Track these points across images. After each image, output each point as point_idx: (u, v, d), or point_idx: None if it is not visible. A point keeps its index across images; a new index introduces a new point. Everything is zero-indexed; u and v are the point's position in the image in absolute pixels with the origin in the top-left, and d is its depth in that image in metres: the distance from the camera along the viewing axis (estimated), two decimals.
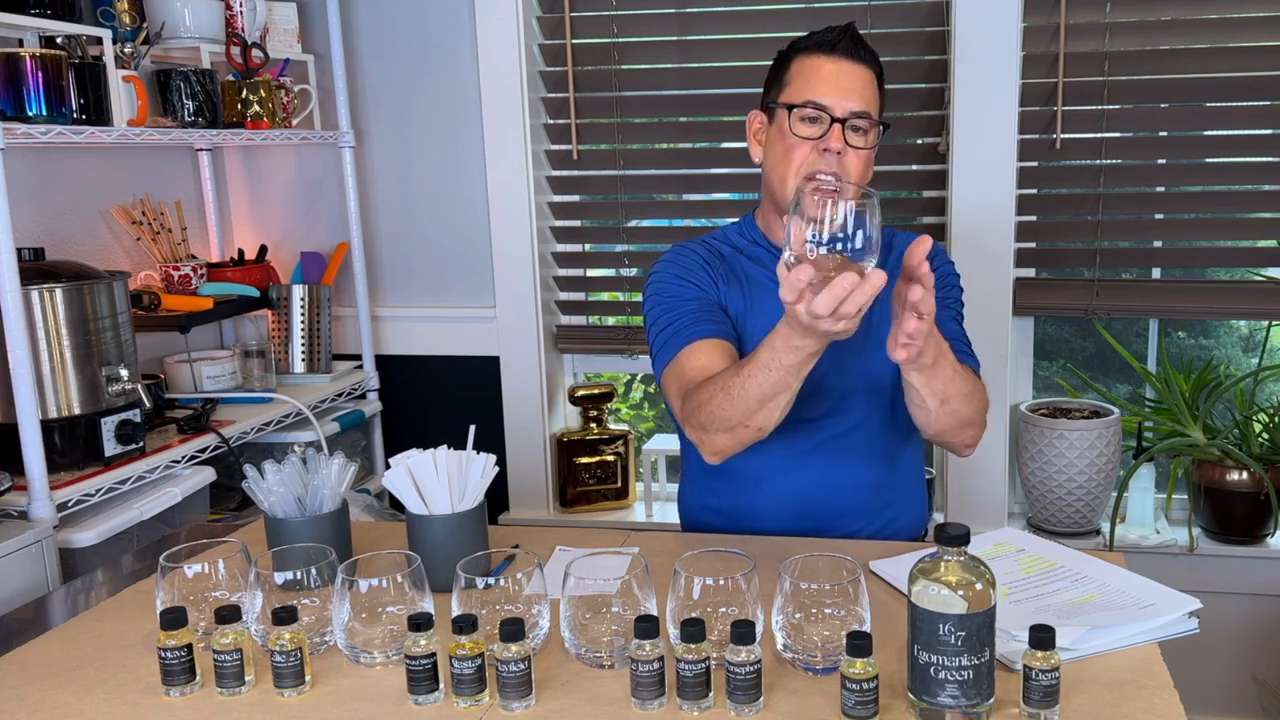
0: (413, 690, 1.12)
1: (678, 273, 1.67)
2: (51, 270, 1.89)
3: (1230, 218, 2.48)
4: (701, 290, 1.64)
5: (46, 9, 1.96)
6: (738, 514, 1.69)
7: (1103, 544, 2.45)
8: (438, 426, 2.72)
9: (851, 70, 1.58)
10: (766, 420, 1.43)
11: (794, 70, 1.61)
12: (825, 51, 1.59)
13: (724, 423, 1.44)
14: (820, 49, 1.59)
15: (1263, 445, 2.42)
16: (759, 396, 1.39)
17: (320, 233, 2.78)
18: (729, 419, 1.43)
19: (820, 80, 1.58)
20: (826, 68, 1.58)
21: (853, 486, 1.66)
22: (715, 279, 1.67)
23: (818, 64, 1.59)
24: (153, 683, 1.18)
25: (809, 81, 1.58)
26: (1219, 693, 2.46)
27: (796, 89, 1.59)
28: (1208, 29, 2.33)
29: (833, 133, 1.56)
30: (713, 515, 1.73)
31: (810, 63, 1.60)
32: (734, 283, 1.67)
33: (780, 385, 1.38)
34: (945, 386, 1.43)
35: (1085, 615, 1.23)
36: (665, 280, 1.67)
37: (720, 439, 1.47)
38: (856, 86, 1.58)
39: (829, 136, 1.56)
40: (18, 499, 1.77)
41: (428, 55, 2.63)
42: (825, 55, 1.59)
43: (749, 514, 1.68)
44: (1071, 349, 2.79)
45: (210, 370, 2.36)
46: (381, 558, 1.29)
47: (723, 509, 1.71)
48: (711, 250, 1.71)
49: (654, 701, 1.09)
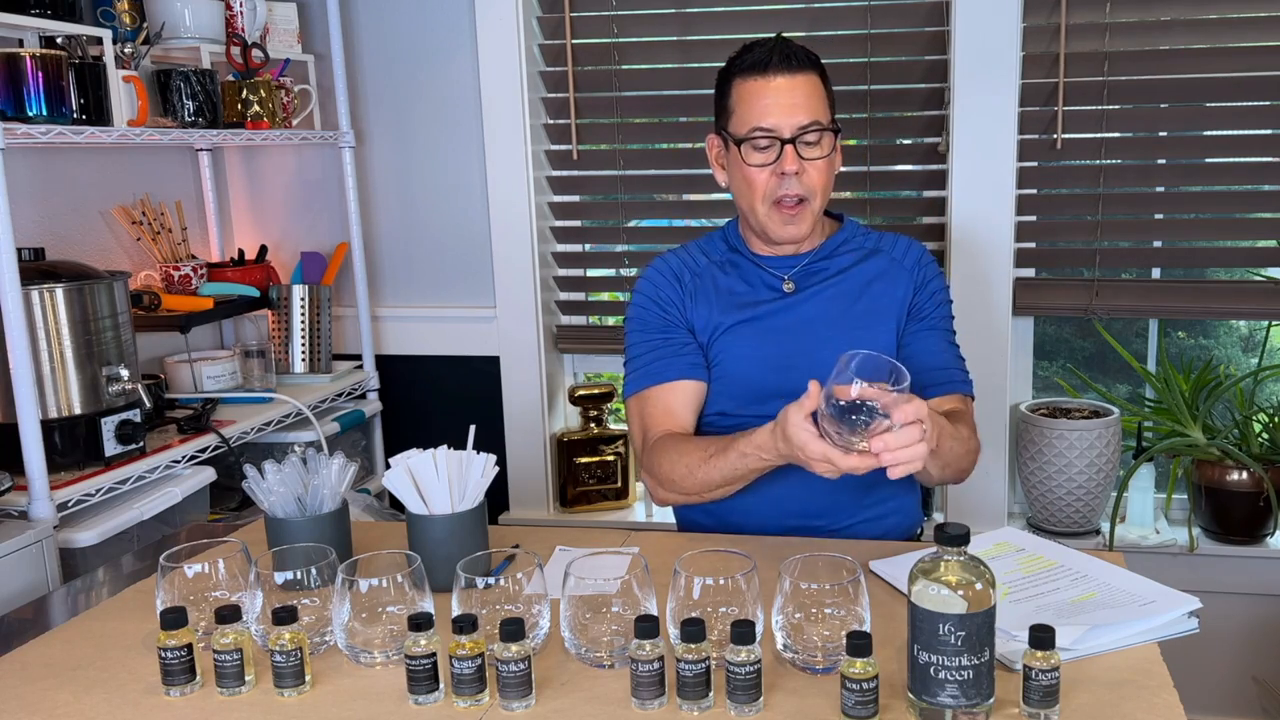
0: (413, 690, 1.12)
1: (652, 295, 1.74)
2: (52, 270, 1.89)
3: (1230, 218, 2.47)
4: (670, 318, 1.72)
5: (46, 9, 1.96)
6: (724, 514, 1.70)
7: (1102, 544, 2.45)
8: (438, 426, 2.72)
9: (790, 84, 1.58)
10: (722, 495, 1.59)
11: (734, 97, 1.62)
12: (759, 72, 1.59)
13: (680, 489, 1.61)
14: (754, 70, 1.59)
15: (1262, 445, 2.42)
16: (720, 482, 1.55)
17: (320, 233, 2.78)
18: (686, 489, 1.60)
19: (761, 105, 1.58)
20: (764, 89, 1.58)
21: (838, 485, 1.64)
22: (685, 296, 1.72)
23: (755, 88, 1.59)
24: (153, 683, 1.18)
25: (751, 108, 1.59)
26: (1219, 693, 2.46)
27: (740, 117, 1.61)
28: (1207, 29, 2.33)
29: (786, 155, 1.57)
30: (701, 515, 1.74)
31: (748, 87, 1.60)
32: (702, 298, 1.72)
33: (740, 479, 1.54)
34: (945, 455, 1.48)
35: (1085, 614, 1.23)
36: (642, 304, 1.75)
37: (672, 497, 1.65)
38: (799, 100, 1.58)
39: (783, 159, 1.58)
40: (18, 499, 1.77)
41: (428, 55, 2.63)
42: (759, 76, 1.59)
43: (737, 512, 1.69)
44: (1071, 349, 2.79)
45: (210, 370, 2.36)
46: (381, 558, 1.29)
47: (710, 509, 1.73)
48: (686, 264, 1.76)
49: (654, 701, 1.09)
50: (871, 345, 1.62)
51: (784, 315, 1.68)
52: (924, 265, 1.70)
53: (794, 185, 1.59)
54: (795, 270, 1.70)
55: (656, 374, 1.69)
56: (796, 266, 1.70)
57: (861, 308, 1.67)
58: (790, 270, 1.70)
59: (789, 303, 1.69)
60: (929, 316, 1.68)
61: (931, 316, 1.68)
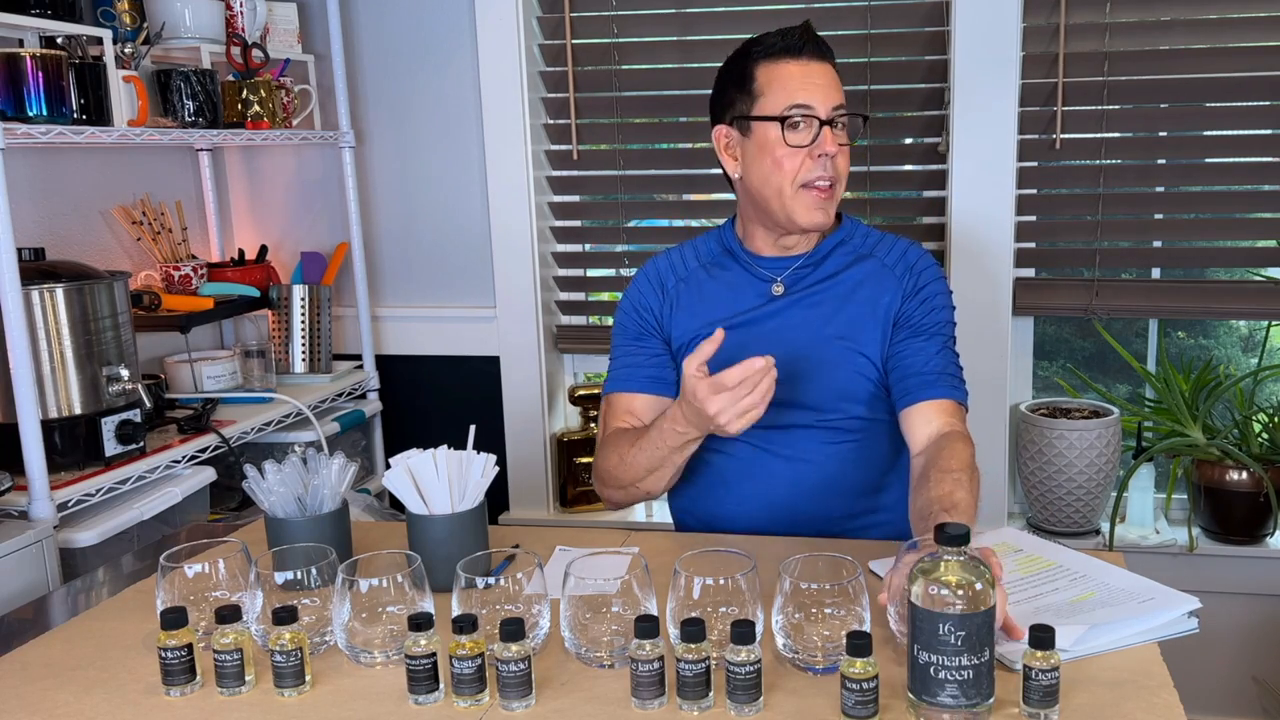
0: (413, 690, 1.12)
1: (635, 301, 1.75)
2: (52, 270, 1.89)
3: (1230, 218, 2.47)
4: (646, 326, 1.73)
5: (47, 9, 1.96)
6: (709, 517, 1.70)
7: (1102, 544, 2.45)
8: (438, 426, 2.72)
9: (821, 69, 1.58)
10: (653, 486, 1.61)
11: (762, 80, 1.58)
12: (792, 55, 1.57)
13: (616, 482, 1.63)
14: (786, 53, 1.57)
15: (1262, 445, 2.42)
16: (646, 467, 1.57)
17: (320, 233, 2.78)
18: (621, 481, 1.62)
19: (797, 84, 1.56)
20: (798, 70, 1.56)
21: (823, 490, 1.65)
22: (665, 305, 1.72)
23: (790, 69, 1.57)
24: (153, 683, 1.18)
25: (785, 88, 1.56)
26: (1219, 693, 2.46)
27: (773, 99, 1.56)
28: (1207, 29, 2.33)
29: (824, 137, 1.55)
30: (689, 518, 1.75)
31: (781, 69, 1.57)
32: (683, 306, 1.71)
33: (664, 461, 1.55)
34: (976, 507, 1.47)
35: (1085, 613, 1.23)
36: (625, 309, 1.76)
37: (613, 494, 1.67)
38: (831, 82, 1.57)
39: (821, 141, 1.55)
40: (18, 499, 1.77)
41: (428, 55, 2.63)
42: (792, 59, 1.57)
43: (720, 517, 1.68)
44: (1071, 349, 2.79)
45: (210, 370, 2.36)
46: (381, 558, 1.29)
47: (695, 511, 1.73)
48: (674, 268, 1.75)
49: (654, 701, 1.09)
50: (855, 352, 1.63)
51: (769, 321, 1.65)
52: (917, 272, 1.64)
53: (829, 168, 1.56)
54: (788, 273, 1.66)
55: (622, 381, 1.71)
56: (789, 269, 1.66)
57: (848, 313, 1.63)
58: (783, 272, 1.66)
59: (775, 308, 1.65)
60: (919, 324, 1.62)
61: (922, 324, 1.62)
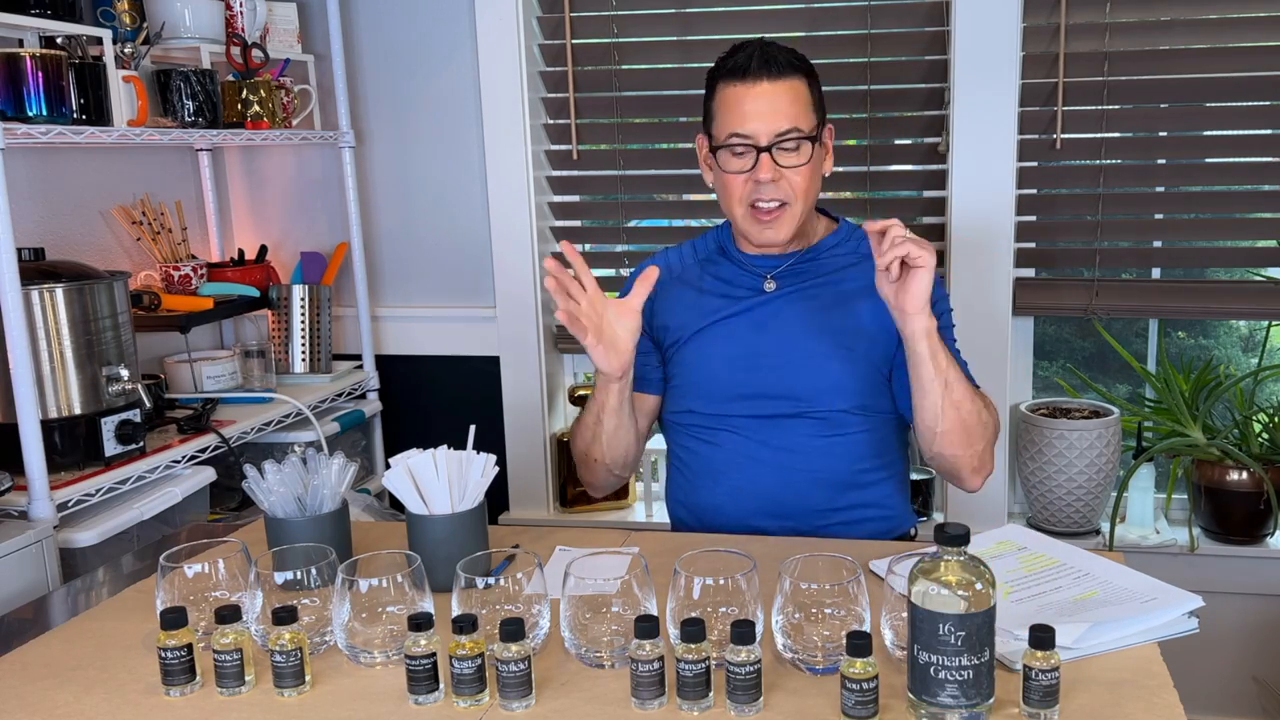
0: (413, 690, 1.12)
1: None
2: (51, 270, 1.89)
3: (1230, 218, 2.48)
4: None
5: (46, 9, 1.96)
6: (700, 509, 1.72)
7: (1103, 544, 2.45)
8: (438, 426, 2.71)
9: (770, 90, 1.56)
10: (600, 454, 1.66)
11: (716, 101, 1.61)
12: (739, 77, 1.57)
13: (578, 456, 1.70)
14: (735, 75, 1.58)
15: (1262, 445, 2.42)
16: (590, 426, 1.64)
17: (320, 233, 2.78)
18: (578, 452, 1.70)
19: (738, 111, 1.57)
20: (743, 95, 1.57)
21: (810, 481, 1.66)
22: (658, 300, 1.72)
23: (734, 93, 1.57)
24: (153, 683, 1.18)
25: (729, 114, 1.58)
26: (1219, 693, 2.46)
27: (720, 123, 1.60)
28: (1207, 29, 2.33)
29: (761, 163, 1.56)
30: (683, 510, 1.76)
31: (728, 93, 1.59)
32: (676, 301, 1.73)
33: (595, 417, 1.62)
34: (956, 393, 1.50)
35: (1088, 611, 1.23)
36: None
37: (582, 473, 1.73)
38: (780, 106, 1.56)
39: (758, 167, 1.56)
40: (18, 499, 1.77)
41: (428, 55, 2.63)
42: (739, 81, 1.57)
43: (709, 509, 1.70)
44: (1071, 349, 2.79)
45: (210, 370, 2.36)
46: (381, 558, 1.29)
47: (686, 503, 1.75)
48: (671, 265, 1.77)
49: (654, 701, 1.09)
50: (845, 352, 1.63)
51: (759, 313, 1.68)
52: None
53: (770, 191, 1.58)
54: (779, 270, 1.69)
55: None
56: (781, 266, 1.69)
57: (841, 313, 1.65)
58: (774, 269, 1.69)
59: (766, 300, 1.68)
60: None
61: None
